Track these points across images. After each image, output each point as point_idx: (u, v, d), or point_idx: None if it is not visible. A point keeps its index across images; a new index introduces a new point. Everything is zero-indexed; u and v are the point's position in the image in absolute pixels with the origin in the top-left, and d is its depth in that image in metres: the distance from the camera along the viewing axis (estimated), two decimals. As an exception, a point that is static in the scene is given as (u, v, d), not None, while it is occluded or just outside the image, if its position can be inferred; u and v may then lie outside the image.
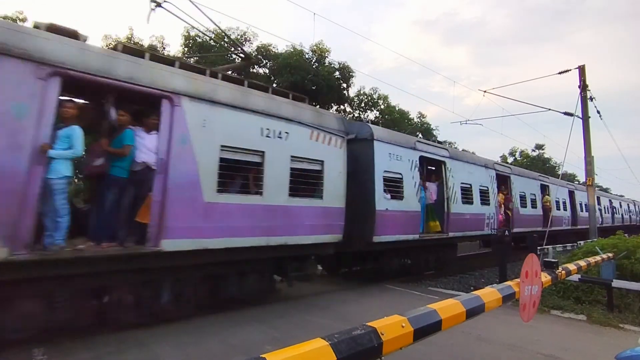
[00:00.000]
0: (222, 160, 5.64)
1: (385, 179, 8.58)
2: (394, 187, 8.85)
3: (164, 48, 22.07)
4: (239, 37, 22.41)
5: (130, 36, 20.67)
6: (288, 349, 1.28)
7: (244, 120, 5.93)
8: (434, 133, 31.26)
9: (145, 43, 21.50)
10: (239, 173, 6.12)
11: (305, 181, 6.78)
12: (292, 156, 6.56)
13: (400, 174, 9.04)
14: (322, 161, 7.08)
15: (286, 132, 6.49)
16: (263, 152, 6.14)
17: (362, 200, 8.11)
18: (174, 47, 28.04)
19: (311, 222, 6.80)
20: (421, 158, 9.91)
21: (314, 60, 21.52)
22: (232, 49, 22.41)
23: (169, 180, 5.08)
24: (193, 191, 5.30)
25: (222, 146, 5.64)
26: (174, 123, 5.18)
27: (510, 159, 53.04)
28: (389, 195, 8.67)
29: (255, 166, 6.13)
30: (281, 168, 6.41)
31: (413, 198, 9.32)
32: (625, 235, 9.17)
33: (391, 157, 8.85)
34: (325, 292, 7.94)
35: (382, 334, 1.58)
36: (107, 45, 19.84)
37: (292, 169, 6.56)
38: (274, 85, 21.20)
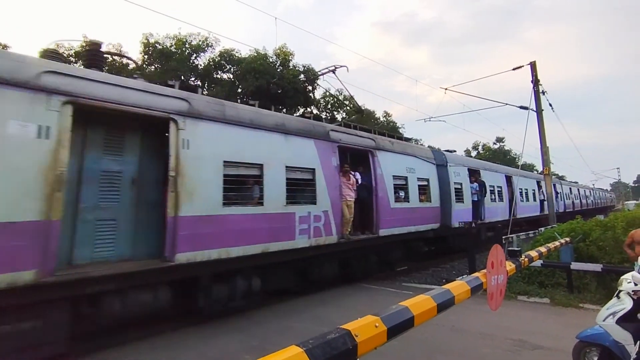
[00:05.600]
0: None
1: None
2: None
3: (122, 56, 21.25)
4: (200, 43, 21.99)
5: (84, 44, 19.74)
6: (262, 359, 1.27)
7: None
8: (400, 131, 32.01)
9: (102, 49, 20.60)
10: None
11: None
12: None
13: None
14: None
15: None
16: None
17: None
18: (133, 55, 27.09)
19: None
20: None
21: (278, 64, 21.45)
22: (194, 55, 21.96)
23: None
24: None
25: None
26: None
27: (473, 153, 55.20)
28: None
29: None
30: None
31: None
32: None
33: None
34: (303, 294, 7.92)
35: (356, 336, 1.59)
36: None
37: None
38: (239, 90, 20.97)
